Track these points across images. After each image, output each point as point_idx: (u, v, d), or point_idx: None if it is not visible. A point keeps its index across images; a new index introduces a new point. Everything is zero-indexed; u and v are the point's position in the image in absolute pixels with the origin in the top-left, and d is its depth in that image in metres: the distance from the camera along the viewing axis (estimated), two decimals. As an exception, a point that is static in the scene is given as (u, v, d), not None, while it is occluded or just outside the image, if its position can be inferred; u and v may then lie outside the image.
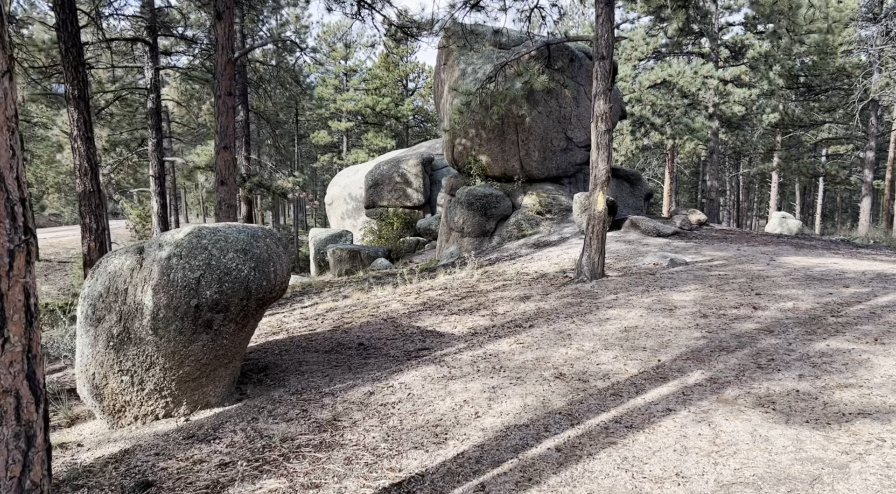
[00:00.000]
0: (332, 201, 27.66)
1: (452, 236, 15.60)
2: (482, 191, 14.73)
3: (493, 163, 15.28)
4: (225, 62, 10.25)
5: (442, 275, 11.35)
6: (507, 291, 8.87)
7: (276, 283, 4.82)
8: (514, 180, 15.34)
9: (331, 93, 37.65)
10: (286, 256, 5.10)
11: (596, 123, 8.49)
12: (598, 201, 8.55)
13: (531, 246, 13.52)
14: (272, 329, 7.84)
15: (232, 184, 10.53)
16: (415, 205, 23.02)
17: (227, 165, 10.41)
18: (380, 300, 9.32)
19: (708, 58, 21.97)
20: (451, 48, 15.66)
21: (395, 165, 23.26)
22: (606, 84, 8.38)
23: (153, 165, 16.03)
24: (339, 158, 38.58)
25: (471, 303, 8.24)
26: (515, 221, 14.82)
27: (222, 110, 10.33)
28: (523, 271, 10.71)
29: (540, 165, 15.11)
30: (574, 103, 15.37)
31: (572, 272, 9.89)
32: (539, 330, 6.44)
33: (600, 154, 8.47)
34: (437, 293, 9.33)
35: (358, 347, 6.41)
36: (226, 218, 10.47)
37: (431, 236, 21.36)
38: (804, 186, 39.88)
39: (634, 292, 7.88)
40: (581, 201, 13.19)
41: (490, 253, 13.85)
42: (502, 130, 14.87)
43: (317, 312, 9.00)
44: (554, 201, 14.94)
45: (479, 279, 10.28)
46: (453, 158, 15.88)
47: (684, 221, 14.41)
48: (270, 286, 4.76)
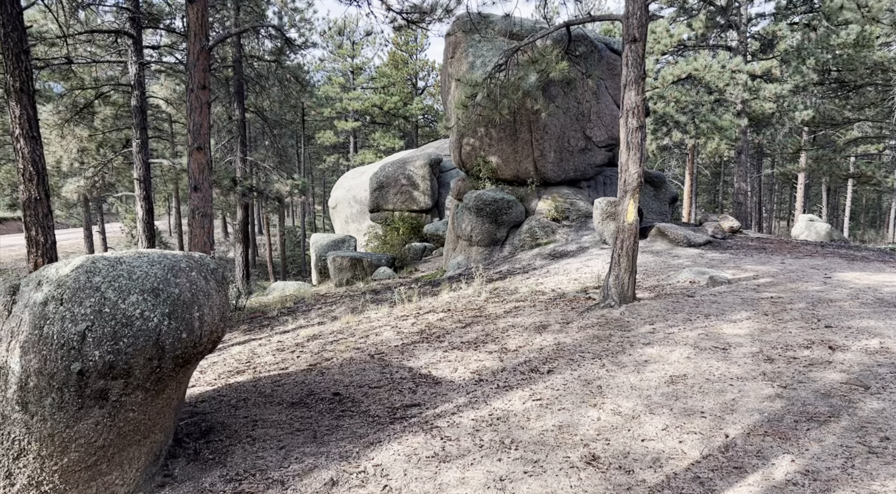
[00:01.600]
0: (336, 205, 26.43)
1: (460, 244, 14.28)
2: (492, 195, 13.40)
3: (504, 164, 13.94)
4: (198, 51, 9.00)
5: (446, 292, 10.03)
6: (520, 316, 7.53)
7: (201, 334, 3.52)
8: (528, 184, 13.99)
9: (337, 92, 36.43)
10: (222, 293, 3.81)
11: (626, 119, 7.14)
12: (627, 210, 7.20)
13: (546, 257, 12.17)
14: (238, 366, 6.57)
15: (207, 190, 9.27)
16: (422, 209, 21.73)
17: (200, 168, 9.16)
18: (371, 325, 8.01)
19: (735, 51, 20.48)
20: (458, 40, 14.34)
21: (401, 167, 21.99)
22: (639, 71, 7.03)
23: (137, 168, 14.84)
24: (346, 160, 37.35)
25: (476, 332, 6.92)
26: (529, 228, 13.47)
27: (195, 106, 9.08)
28: (538, 288, 9.36)
29: (556, 167, 13.75)
30: (594, 99, 14.00)
31: (595, 292, 8.54)
32: (561, 378, 5.10)
33: (631, 155, 7.12)
34: (437, 317, 8.02)
35: (332, 398, 5.11)
36: (199, 229, 9.21)
37: (439, 241, 20.06)
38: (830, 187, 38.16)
39: (674, 321, 6.52)
40: (603, 208, 11.82)
41: (501, 264, 12.51)
42: (514, 129, 13.52)
43: (297, 339, 7.72)
44: (571, 206, 13.57)
45: (487, 298, 8.95)
46: (461, 160, 14.55)
47: (716, 228, 12.99)
48: (194, 339, 3.47)
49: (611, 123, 14.38)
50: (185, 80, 10.96)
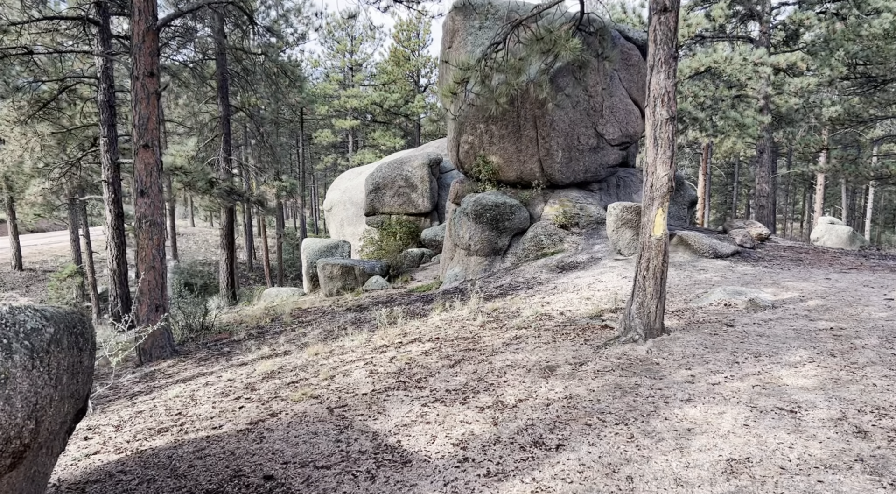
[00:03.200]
0: (332, 207, 25.08)
1: (457, 253, 12.89)
2: (493, 199, 12.01)
3: (506, 165, 12.55)
4: (143, 32, 7.65)
5: (437, 312, 8.65)
6: (522, 351, 6.14)
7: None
8: (533, 186, 12.59)
9: (335, 89, 35.05)
10: (41, 372, 2.44)
11: (653, 108, 5.74)
12: (655, 222, 5.80)
13: (554, 269, 10.78)
14: (164, 420, 5.20)
15: (156, 195, 7.91)
16: (420, 212, 20.35)
17: (147, 169, 7.81)
18: (343, 359, 6.64)
19: (757, 43, 18.99)
20: (456, 27, 12.96)
21: (398, 168, 20.61)
22: (669, 49, 5.64)
23: (105, 168, 13.52)
24: (344, 159, 35.97)
25: (467, 375, 5.53)
26: (534, 236, 12.07)
27: (141, 97, 7.73)
28: (544, 310, 7.97)
29: (564, 167, 12.34)
30: (606, 92, 12.59)
31: (612, 317, 7.14)
32: (574, 458, 3.71)
33: (659, 154, 5.72)
34: (422, 349, 6.63)
35: (261, 485, 3.74)
36: (147, 240, 7.86)
37: (437, 247, 18.67)
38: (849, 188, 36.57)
39: (716, 364, 5.13)
40: (618, 214, 10.42)
41: (502, 277, 11.12)
42: (518, 125, 12.13)
43: (251, 378, 6.35)
44: (581, 211, 12.16)
45: (483, 323, 7.57)
46: (458, 159, 13.17)
47: (745, 236, 11.56)
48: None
49: (625, 119, 12.96)
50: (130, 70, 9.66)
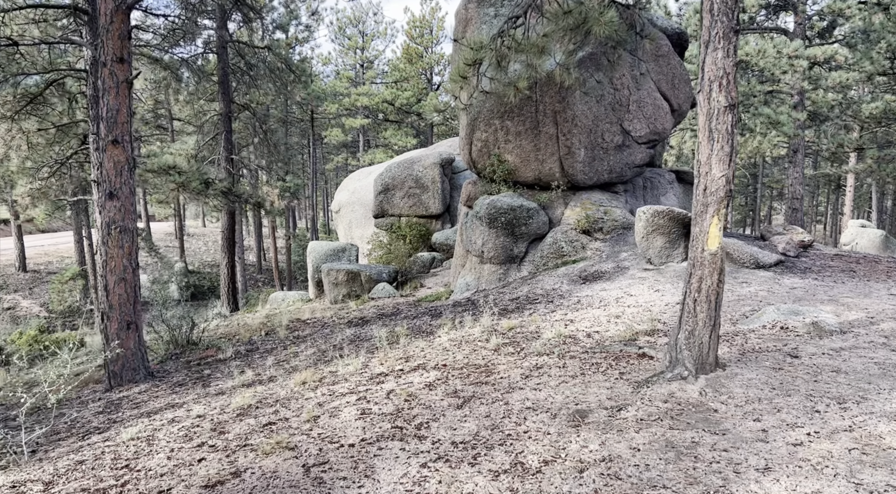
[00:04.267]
0: (340, 208, 24.15)
1: (469, 261, 11.86)
2: (508, 202, 10.97)
3: (523, 164, 11.51)
4: (111, 11, 6.71)
5: (445, 330, 7.64)
6: (545, 386, 5.11)
7: None
8: (552, 188, 11.54)
9: (345, 86, 34.13)
10: None
11: (708, 94, 4.70)
12: (710, 233, 4.74)
13: (576, 280, 9.73)
14: (97, 480, 4.23)
15: (127, 197, 6.98)
16: (431, 214, 19.35)
17: (117, 168, 6.87)
18: (332, 391, 5.64)
19: (792, 35, 17.79)
20: (469, 15, 11.95)
21: (408, 168, 19.62)
22: (730, 21, 4.59)
23: (95, 167, 12.62)
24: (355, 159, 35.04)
25: (478, 421, 4.51)
26: (553, 242, 11.02)
27: (109, 86, 6.80)
28: (568, 331, 6.93)
29: (587, 167, 11.28)
30: (633, 85, 11.51)
31: (648, 340, 6.09)
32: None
33: (716, 149, 4.67)
34: (426, 380, 5.63)
35: None
36: (117, 249, 6.92)
37: (448, 252, 17.66)
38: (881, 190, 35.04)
39: (792, 412, 4.08)
40: (648, 219, 9.35)
41: (518, 288, 10.09)
42: (536, 120, 11.09)
43: (223, 414, 5.37)
44: (605, 215, 11.09)
45: (498, 347, 6.55)
46: (471, 159, 12.14)
47: (788, 243, 10.43)
48: None
49: (653, 115, 11.87)
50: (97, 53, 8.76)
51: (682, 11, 21.35)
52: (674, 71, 12.22)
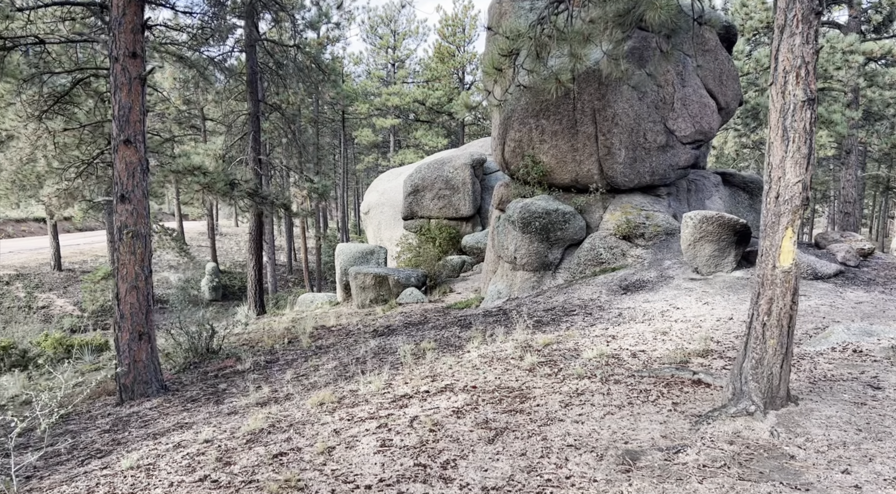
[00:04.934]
0: (369, 210, 23.78)
1: (501, 267, 11.29)
2: (543, 206, 10.38)
3: (558, 166, 10.90)
4: (123, 4, 6.32)
5: (475, 345, 7.10)
6: (587, 418, 4.53)
7: None
8: (590, 191, 10.90)
9: (376, 86, 33.79)
10: None
11: (782, 87, 4.06)
12: (782, 247, 4.11)
13: (616, 289, 9.09)
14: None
15: (140, 200, 6.59)
16: (462, 216, 18.81)
17: (129, 170, 6.48)
18: (350, 417, 5.14)
19: (846, 29, 16.79)
20: (504, 9, 11.39)
21: (438, 169, 19.11)
22: (811, 2, 3.94)
23: (119, 168, 12.40)
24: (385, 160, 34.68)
25: (512, 459, 3.96)
26: (591, 248, 10.38)
27: (121, 82, 6.42)
28: (610, 349, 6.32)
29: (627, 168, 10.63)
30: (678, 82, 10.81)
31: (702, 364, 5.46)
32: None
33: (791, 150, 4.04)
34: (453, 405, 5.09)
35: None
36: (129, 255, 6.53)
37: (479, 255, 17.12)
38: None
39: (887, 462, 3.43)
40: (695, 224, 8.66)
41: (553, 297, 9.49)
42: (573, 119, 10.47)
43: (231, 440, 4.91)
44: (647, 220, 10.42)
45: (533, 367, 5.97)
46: (504, 159, 11.57)
47: (847, 252, 9.62)
48: None
49: (699, 113, 11.14)
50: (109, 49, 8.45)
51: (728, 4, 20.41)
52: (721, 67, 11.47)
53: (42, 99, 12.93)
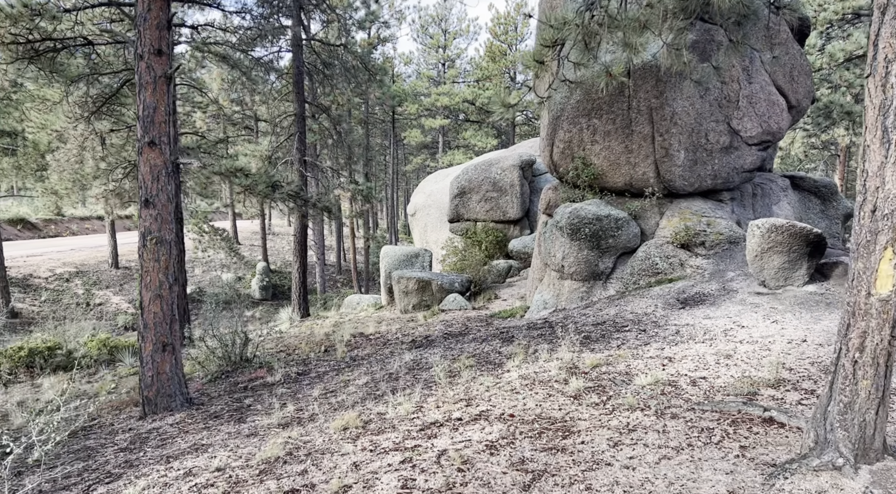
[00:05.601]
0: (416, 212, 23.43)
1: (548, 275, 10.68)
2: (594, 211, 9.73)
3: (611, 168, 10.22)
4: (150, -1, 6.04)
5: (516, 363, 6.56)
6: (640, 463, 3.93)
7: None
8: (645, 195, 10.19)
9: (426, 86, 33.45)
10: None
11: (883, 80, 3.38)
12: (879, 271, 3.43)
13: (673, 303, 8.38)
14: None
15: (164, 205, 6.30)
16: (509, 219, 18.23)
17: (154, 173, 6.20)
18: (373, 447, 4.68)
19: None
20: (555, 2, 10.77)
21: (486, 170, 18.57)
22: (921, -26, 3.25)
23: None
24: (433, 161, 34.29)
25: (551, 512, 3.41)
26: (645, 257, 9.67)
27: (146, 81, 6.14)
28: (667, 375, 5.67)
29: (686, 171, 9.86)
30: (744, 78, 9.98)
31: (774, 397, 4.76)
32: None
33: (892, 155, 3.35)
34: (487, 437, 4.57)
35: None
36: (153, 262, 6.25)
37: (526, 260, 16.51)
38: None
39: None
40: (764, 234, 7.87)
41: (603, 309, 8.83)
42: (628, 118, 9.78)
43: (245, 469, 4.52)
44: (708, 227, 9.63)
45: (578, 394, 5.39)
46: (552, 161, 10.95)
47: (937, 266, 8.61)
48: None
49: (766, 112, 10.27)
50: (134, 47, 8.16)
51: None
52: (793, 61, 10.56)
53: (91, 100, 13.02)
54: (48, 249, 31.81)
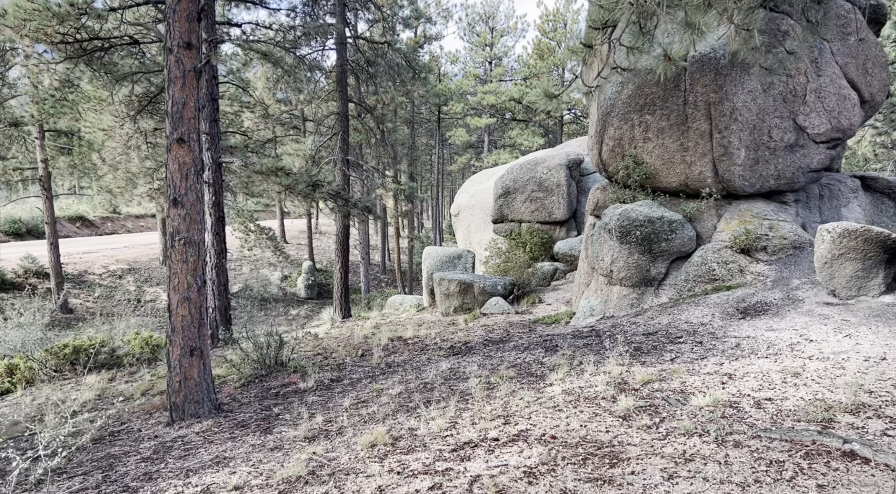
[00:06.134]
0: (459, 212, 23.05)
1: (595, 280, 10.14)
2: (645, 213, 9.15)
3: (664, 167, 9.62)
4: (179, -10, 5.82)
5: (560, 376, 6.10)
6: (699, 500, 3.45)
7: None
8: (701, 196, 9.55)
9: (472, 84, 33.02)
10: None
11: None
12: None
13: (732, 313, 7.76)
14: None
15: (193, 204, 6.09)
16: (555, 221, 17.67)
17: (182, 171, 5.99)
18: (401, 468, 4.32)
19: None
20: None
21: (531, 170, 18.06)
22: None
23: (206, 167, 12.37)
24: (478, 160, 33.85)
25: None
26: (701, 262, 9.04)
27: (175, 75, 5.92)
28: (727, 396, 5.13)
29: (747, 171, 9.19)
30: (812, 70, 9.25)
31: (854, 425, 4.19)
32: None
33: None
34: (525, 462, 4.14)
35: None
36: (181, 264, 6.05)
37: (572, 263, 15.94)
38: None
39: None
40: (835, 239, 7.20)
41: (655, 318, 8.26)
42: (683, 114, 9.18)
43: (265, 489, 4.22)
44: (771, 231, 8.94)
45: (627, 414, 4.90)
46: (601, 160, 10.41)
47: None
48: None
49: (837, 107, 9.50)
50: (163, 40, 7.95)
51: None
52: (867, 52, 9.75)
53: (136, 99, 13.11)
54: (103, 246, 32.71)
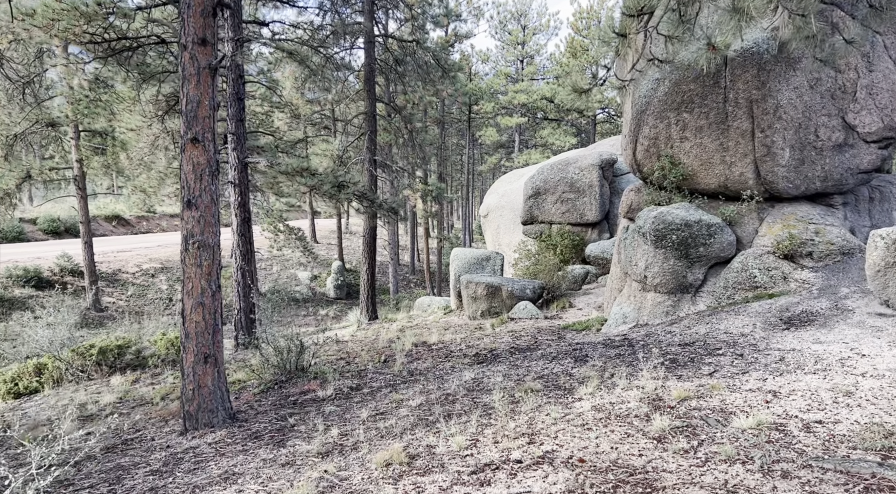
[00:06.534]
0: (488, 213, 22.70)
1: (628, 286, 9.71)
2: (682, 216, 8.70)
3: (702, 168, 9.16)
4: (194, -16, 5.62)
5: (590, 389, 5.74)
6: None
7: None
8: (742, 198, 9.06)
9: (503, 83, 32.60)
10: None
11: None
12: None
13: (775, 323, 7.29)
14: None
15: (208, 205, 5.89)
16: (587, 222, 17.20)
17: (197, 172, 5.79)
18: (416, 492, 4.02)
19: None
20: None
21: (562, 170, 17.62)
22: None
23: (232, 167, 12.28)
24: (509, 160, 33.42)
25: None
26: (742, 268, 8.56)
27: (190, 73, 5.73)
28: (772, 416, 4.72)
29: (791, 172, 8.68)
30: (864, 65, 8.68)
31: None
32: None
33: None
34: (548, 490, 3.81)
35: None
36: (195, 267, 5.85)
37: (604, 266, 15.47)
38: None
39: None
40: (889, 246, 6.68)
41: (692, 328, 7.82)
42: (723, 112, 8.70)
43: (270, 510, 3.97)
44: (817, 236, 8.41)
45: (662, 435, 4.53)
46: (635, 160, 9.97)
47: None
48: None
49: (890, 104, 8.92)
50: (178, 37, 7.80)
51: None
52: (924, 43, 9.14)
53: (164, 99, 13.09)
54: (137, 244, 33.16)
